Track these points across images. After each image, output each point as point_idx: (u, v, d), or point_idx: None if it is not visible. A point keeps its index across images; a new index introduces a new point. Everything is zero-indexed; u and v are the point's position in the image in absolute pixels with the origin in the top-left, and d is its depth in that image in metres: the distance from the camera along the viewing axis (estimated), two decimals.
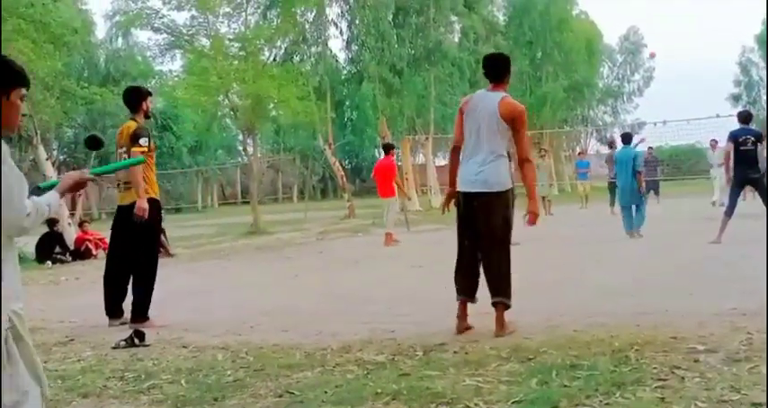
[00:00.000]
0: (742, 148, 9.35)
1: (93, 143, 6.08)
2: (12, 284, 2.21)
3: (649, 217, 11.63)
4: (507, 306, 4.83)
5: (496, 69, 4.99)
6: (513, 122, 4.81)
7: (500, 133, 4.83)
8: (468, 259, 4.98)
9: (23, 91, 2.33)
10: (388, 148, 13.11)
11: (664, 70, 55.93)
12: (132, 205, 5.81)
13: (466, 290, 4.96)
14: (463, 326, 4.92)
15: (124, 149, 6.02)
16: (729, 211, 9.41)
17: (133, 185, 5.79)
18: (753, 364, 3.61)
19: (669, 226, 11.88)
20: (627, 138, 11.78)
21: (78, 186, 2.56)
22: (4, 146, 2.20)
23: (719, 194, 16.74)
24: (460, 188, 4.94)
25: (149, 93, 6.30)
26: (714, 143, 17.67)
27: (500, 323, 4.80)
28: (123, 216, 5.97)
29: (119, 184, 6.05)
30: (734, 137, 9.46)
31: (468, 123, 4.92)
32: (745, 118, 9.87)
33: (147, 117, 6.19)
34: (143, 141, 5.83)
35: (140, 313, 5.83)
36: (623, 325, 4.69)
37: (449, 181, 5.18)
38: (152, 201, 5.89)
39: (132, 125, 6.00)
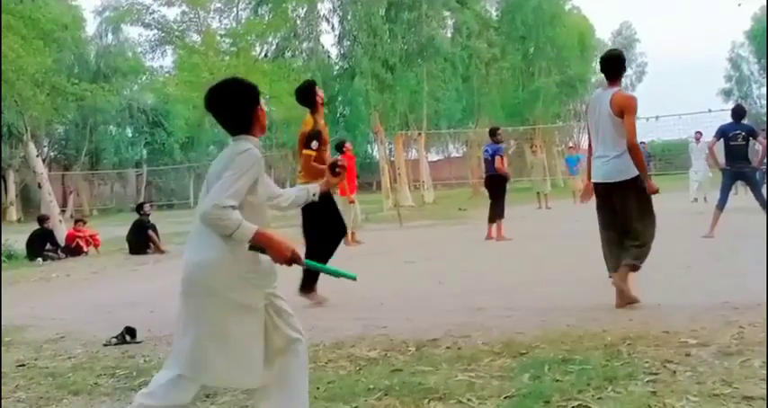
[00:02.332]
0: (732, 143, 9.36)
1: (339, 147, 6.14)
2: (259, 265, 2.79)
3: None
4: (634, 268, 5.12)
5: (612, 68, 5.29)
6: (621, 111, 5.08)
7: (616, 128, 5.12)
8: (608, 240, 5.31)
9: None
10: (339, 146, 11.66)
11: (655, 65, 56.19)
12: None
13: (614, 267, 5.21)
14: (626, 299, 5.08)
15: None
16: (721, 205, 9.43)
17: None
18: (744, 358, 3.62)
19: (661, 221, 11.85)
20: None
21: (276, 253, 2.73)
22: (256, 151, 2.60)
23: (697, 190, 16.65)
24: (593, 179, 5.37)
25: (315, 83, 6.26)
26: (699, 135, 17.23)
27: (623, 285, 5.08)
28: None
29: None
30: (723, 132, 9.47)
31: (591, 123, 5.36)
32: (737, 113, 9.86)
33: (322, 104, 6.16)
34: (314, 145, 5.81)
35: (307, 285, 6.03)
36: (615, 320, 4.70)
37: (587, 176, 5.62)
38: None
39: (309, 123, 5.98)
